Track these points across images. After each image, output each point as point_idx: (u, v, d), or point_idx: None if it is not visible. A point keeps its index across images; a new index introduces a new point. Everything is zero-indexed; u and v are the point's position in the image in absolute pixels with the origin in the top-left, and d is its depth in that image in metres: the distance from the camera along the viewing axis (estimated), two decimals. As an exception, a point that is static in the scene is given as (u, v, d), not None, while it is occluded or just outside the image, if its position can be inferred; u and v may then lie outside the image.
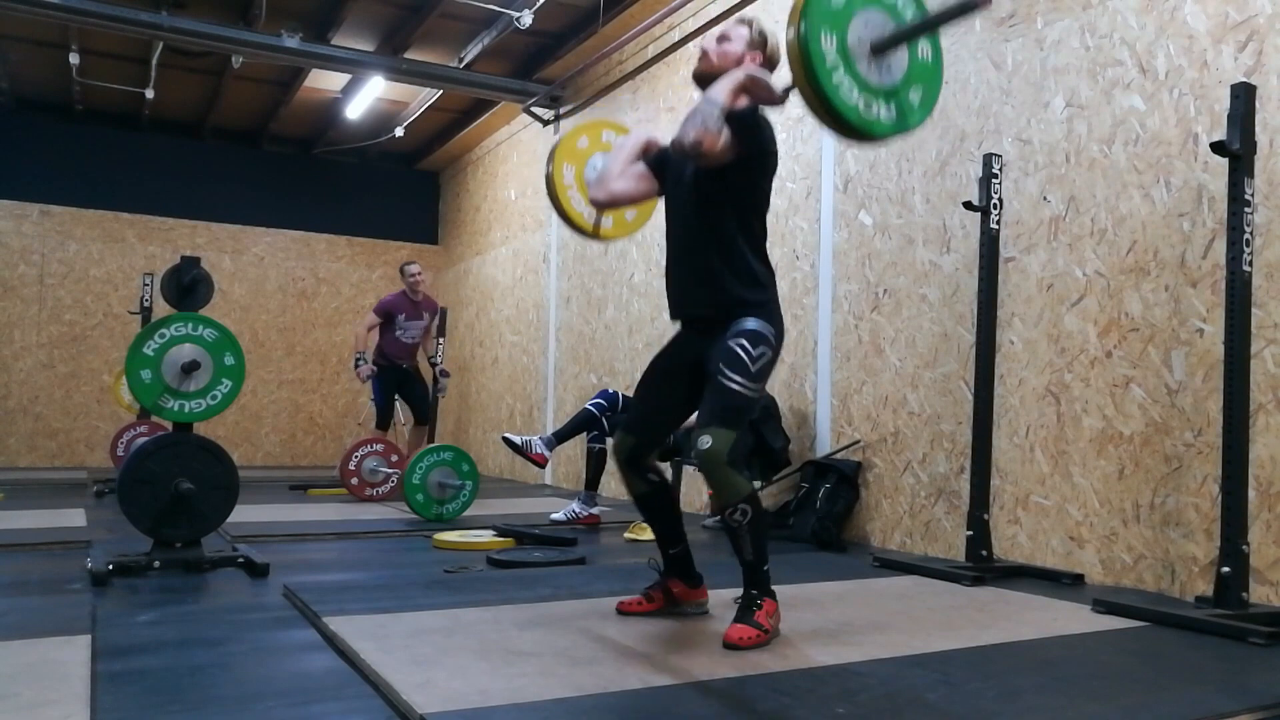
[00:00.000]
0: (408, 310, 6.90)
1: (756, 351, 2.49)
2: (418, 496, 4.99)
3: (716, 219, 2.59)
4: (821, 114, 2.28)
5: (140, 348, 3.40)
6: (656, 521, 2.76)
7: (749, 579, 2.49)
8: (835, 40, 2.25)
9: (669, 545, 2.76)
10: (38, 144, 8.83)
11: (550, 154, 3.10)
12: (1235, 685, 2.12)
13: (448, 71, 7.28)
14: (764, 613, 2.43)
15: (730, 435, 2.40)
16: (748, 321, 2.53)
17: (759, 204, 2.64)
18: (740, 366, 2.46)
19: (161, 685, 2.00)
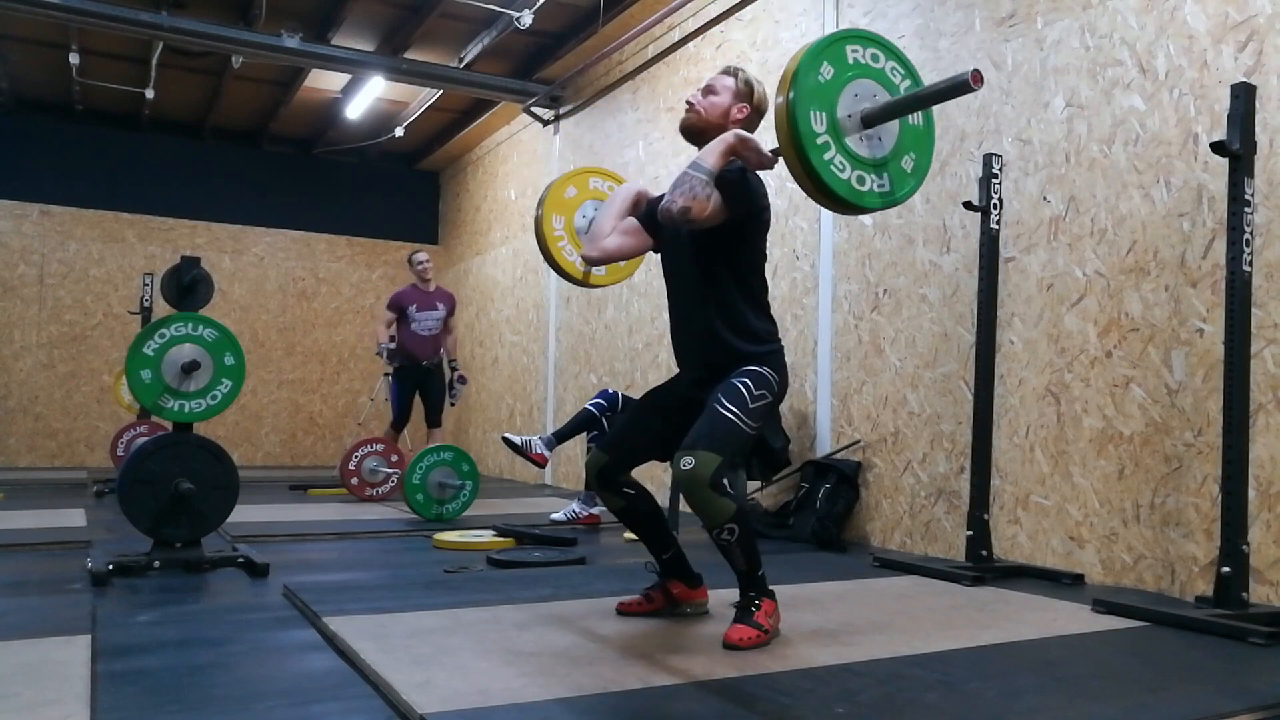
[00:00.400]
0: (418, 300, 6.65)
1: (758, 392, 2.50)
2: (418, 496, 4.99)
3: (714, 278, 2.59)
4: (810, 190, 2.25)
5: (140, 348, 3.40)
6: (641, 531, 2.75)
7: (745, 585, 2.48)
8: (825, 117, 2.22)
9: (660, 551, 2.76)
10: (38, 144, 8.83)
11: (539, 202, 3.09)
12: (1235, 685, 2.12)
13: (448, 71, 7.29)
14: (763, 613, 2.43)
15: (714, 460, 2.35)
16: (752, 366, 2.54)
17: (755, 261, 2.64)
18: (739, 400, 2.47)
19: (161, 685, 2.00)
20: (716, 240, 2.55)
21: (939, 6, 4.21)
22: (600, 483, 2.70)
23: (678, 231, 2.61)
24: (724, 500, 2.37)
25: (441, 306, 6.67)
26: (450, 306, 6.74)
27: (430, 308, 6.64)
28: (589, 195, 3.17)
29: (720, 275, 2.58)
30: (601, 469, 2.69)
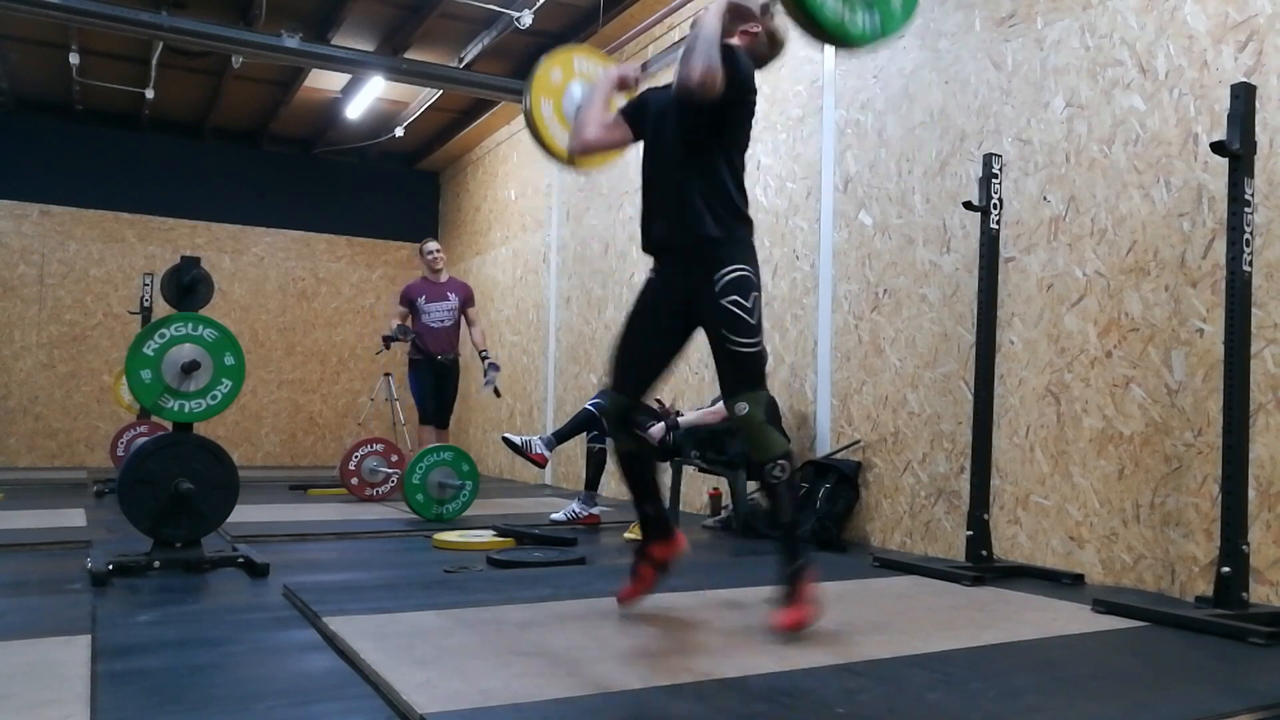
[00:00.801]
0: (427, 291, 6.35)
1: (749, 301, 2.56)
2: (418, 496, 4.99)
3: (703, 158, 2.63)
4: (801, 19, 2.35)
5: (140, 348, 3.40)
6: (639, 477, 2.78)
7: (787, 545, 2.57)
8: None
9: (647, 501, 2.79)
10: (38, 144, 8.83)
11: (526, 88, 3.13)
12: (1235, 685, 2.12)
13: (448, 71, 7.28)
14: (807, 585, 2.54)
15: (761, 395, 2.54)
16: (730, 271, 2.56)
17: (742, 141, 2.69)
18: (742, 326, 2.53)
19: (161, 685, 2.00)
20: (703, 120, 2.59)
21: (939, 6, 4.21)
22: (619, 424, 2.72)
23: (664, 119, 2.68)
24: (779, 436, 2.57)
25: (453, 297, 6.35)
26: (464, 296, 6.41)
27: (440, 298, 6.34)
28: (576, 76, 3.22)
29: (711, 153, 2.62)
30: (623, 409, 2.71)
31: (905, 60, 4.38)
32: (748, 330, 2.54)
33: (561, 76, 3.19)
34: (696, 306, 2.62)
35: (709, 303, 2.57)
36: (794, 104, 5.08)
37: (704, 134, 2.62)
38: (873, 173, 4.52)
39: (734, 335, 2.53)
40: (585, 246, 7.23)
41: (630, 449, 2.76)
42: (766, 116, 5.25)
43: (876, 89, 4.54)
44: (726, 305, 2.54)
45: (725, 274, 2.56)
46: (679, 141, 2.65)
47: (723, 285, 2.55)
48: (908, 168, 4.33)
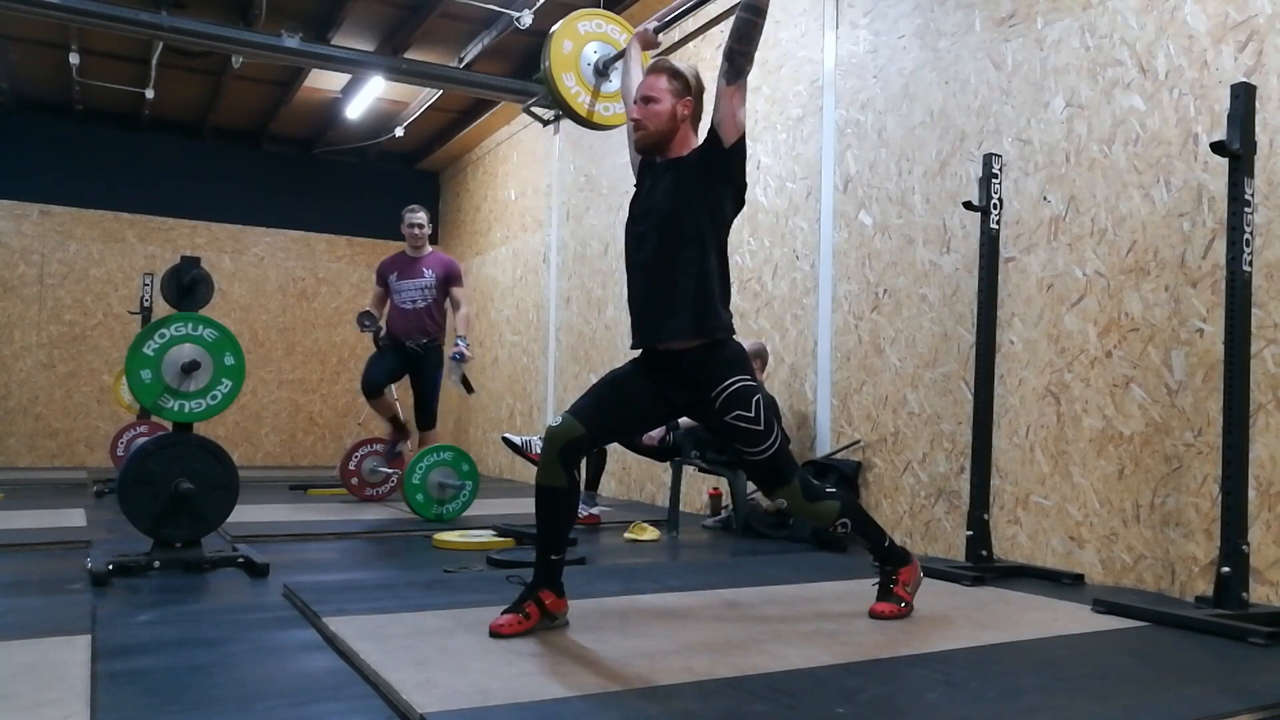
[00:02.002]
0: (401, 268, 5.42)
1: (753, 410, 2.55)
2: (418, 496, 4.99)
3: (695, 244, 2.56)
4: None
5: (140, 348, 3.40)
6: (556, 521, 2.53)
7: (880, 558, 2.78)
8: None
9: (553, 550, 2.52)
10: (38, 144, 8.83)
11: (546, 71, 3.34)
12: (1235, 685, 2.12)
13: (448, 71, 7.27)
14: (900, 585, 2.72)
15: (794, 486, 2.62)
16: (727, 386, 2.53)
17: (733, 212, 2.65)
18: (755, 438, 2.56)
19: (161, 685, 2.00)
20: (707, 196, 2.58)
21: (939, 6, 4.21)
22: (563, 456, 2.46)
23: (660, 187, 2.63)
24: (826, 505, 2.67)
25: (429, 273, 5.47)
26: (445, 273, 5.52)
27: (414, 275, 5.41)
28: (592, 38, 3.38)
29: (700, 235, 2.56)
30: (573, 441, 2.47)
31: (905, 60, 4.38)
32: (759, 439, 2.56)
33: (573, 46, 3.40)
34: (693, 412, 2.63)
35: (711, 416, 2.57)
36: (794, 104, 5.08)
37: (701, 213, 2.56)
38: (873, 173, 4.52)
39: (748, 448, 2.57)
40: (585, 246, 7.23)
41: (563, 485, 2.48)
42: (766, 116, 5.25)
43: (876, 89, 4.54)
44: (732, 422, 2.53)
45: (724, 390, 2.53)
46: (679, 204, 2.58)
47: (723, 402, 2.53)
48: (908, 168, 4.33)
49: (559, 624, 2.53)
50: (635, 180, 2.77)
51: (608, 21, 3.52)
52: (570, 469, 2.48)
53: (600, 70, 3.47)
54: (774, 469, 2.61)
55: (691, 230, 2.57)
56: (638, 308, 2.65)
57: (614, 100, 3.51)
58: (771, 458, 2.58)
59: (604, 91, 3.45)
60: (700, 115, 2.70)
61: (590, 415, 2.51)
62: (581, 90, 3.34)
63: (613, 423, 2.58)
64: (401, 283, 5.47)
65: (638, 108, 2.67)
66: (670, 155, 2.66)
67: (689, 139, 2.67)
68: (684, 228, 2.57)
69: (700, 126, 2.70)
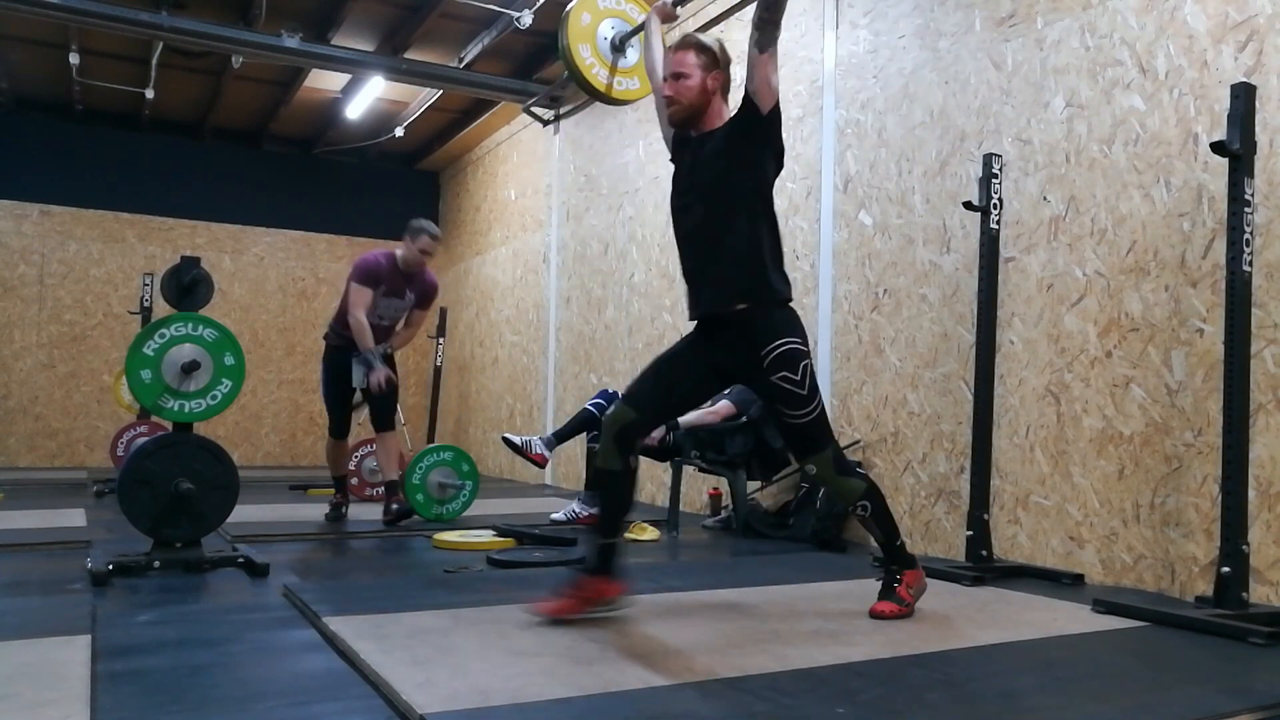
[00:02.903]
0: (388, 283, 4.83)
1: (799, 374, 2.59)
2: (418, 496, 4.99)
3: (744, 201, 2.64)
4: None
5: (140, 348, 3.40)
6: (614, 504, 2.65)
7: (886, 556, 2.78)
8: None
9: (609, 534, 2.64)
10: (38, 144, 8.83)
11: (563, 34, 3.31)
12: (1235, 685, 2.12)
13: (448, 71, 7.28)
14: (904, 585, 2.72)
15: (827, 454, 2.65)
16: (777, 346, 2.58)
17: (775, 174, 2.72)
18: (798, 401, 2.59)
19: (161, 685, 2.00)
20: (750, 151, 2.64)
21: (939, 6, 4.22)
22: (618, 439, 2.60)
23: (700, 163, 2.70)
24: (854, 481, 2.69)
25: (410, 296, 4.95)
26: (424, 297, 5.02)
27: (398, 294, 4.89)
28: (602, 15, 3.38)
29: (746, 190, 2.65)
30: (628, 425, 2.62)
31: (905, 60, 4.38)
32: (802, 402, 2.60)
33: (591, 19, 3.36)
34: (743, 374, 2.67)
35: (759, 376, 2.61)
36: (794, 104, 5.08)
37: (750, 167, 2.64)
38: (873, 173, 4.52)
39: (790, 410, 2.60)
40: (585, 246, 7.23)
41: (618, 469, 2.61)
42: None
43: (876, 89, 4.54)
44: (777, 382, 2.57)
45: (773, 350, 2.58)
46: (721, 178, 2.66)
47: (771, 361, 2.57)
48: (908, 168, 4.33)
49: (614, 609, 2.65)
50: (671, 157, 2.85)
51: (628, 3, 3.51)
52: (626, 453, 2.63)
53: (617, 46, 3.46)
54: (812, 435, 2.64)
55: (736, 197, 2.65)
56: (691, 279, 2.75)
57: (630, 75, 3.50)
58: (811, 423, 2.63)
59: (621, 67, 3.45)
60: (729, 87, 2.77)
61: (642, 399, 2.67)
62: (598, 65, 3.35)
63: (664, 403, 2.72)
64: (384, 300, 4.88)
65: (669, 84, 2.73)
66: (705, 128, 2.74)
67: (721, 111, 2.75)
68: (728, 195, 2.65)
69: (731, 98, 2.77)
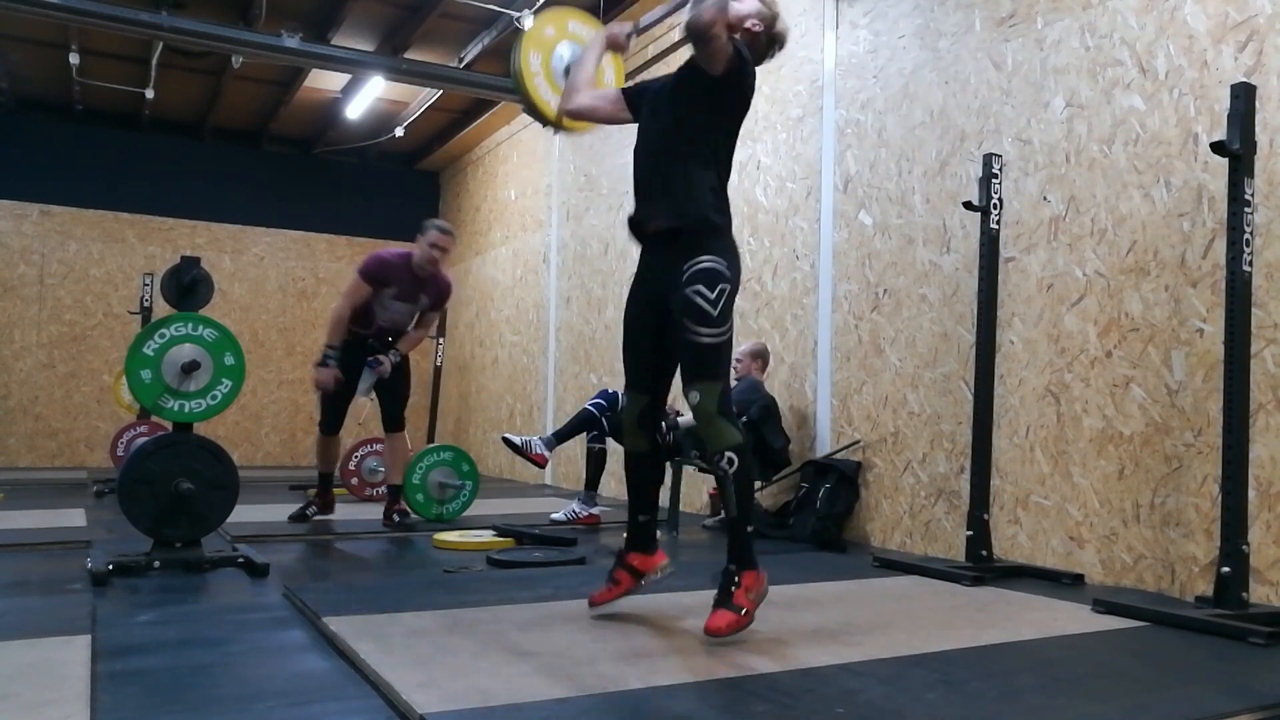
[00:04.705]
0: (400, 285, 4.68)
1: (714, 293, 2.51)
2: (418, 496, 4.99)
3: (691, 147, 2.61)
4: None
5: (140, 348, 3.40)
6: (644, 482, 2.76)
7: (731, 543, 2.52)
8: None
9: (643, 510, 2.75)
10: (38, 144, 8.83)
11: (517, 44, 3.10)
12: (1235, 685, 2.12)
13: (448, 71, 7.27)
14: (742, 590, 2.45)
15: (715, 386, 2.48)
16: (699, 261, 2.53)
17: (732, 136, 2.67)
18: (703, 317, 2.49)
19: (161, 685, 2.00)
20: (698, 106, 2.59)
21: (939, 6, 4.21)
22: (639, 423, 2.70)
23: (659, 104, 2.68)
24: (731, 429, 2.50)
25: (424, 299, 4.80)
26: (437, 299, 4.86)
27: (409, 299, 4.73)
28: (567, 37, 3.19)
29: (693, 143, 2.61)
30: (644, 408, 2.70)
31: (905, 60, 4.38)
32: (707, 320, 2.49)
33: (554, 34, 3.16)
34: (666, 297, 2.60)
35: (676, 291, 2.55)
36: (794, 104, 5.08)
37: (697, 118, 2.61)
38: (873, 173, 4.52)
39: (693, 324, 2.49)
40: (585, 246, 7.23)
41: (645, 449, 2.73)
42: (766, 116, 5.25)
43: (876, 89, 4.54)
44: (689, 294, 2.51)
45: (695, 263, 2.53)
46: (671, 125, 2.65)
47: (690, 275, 2.53)
48: (908, 168, 4.33)
49: (660, 576, 2.74)
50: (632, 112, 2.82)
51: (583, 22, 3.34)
52: (650, 433, 2.71)
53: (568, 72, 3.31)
54: (709, 360, 2.50)
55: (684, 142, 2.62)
56: (636, 195, 2.74)
57: None
58: (712, 347, 2.49)
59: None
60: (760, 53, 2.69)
61: (639, 381, 2.71)
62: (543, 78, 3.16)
63: (654, 373, 2.72)
64: (395, 303, 4.75)
65: None
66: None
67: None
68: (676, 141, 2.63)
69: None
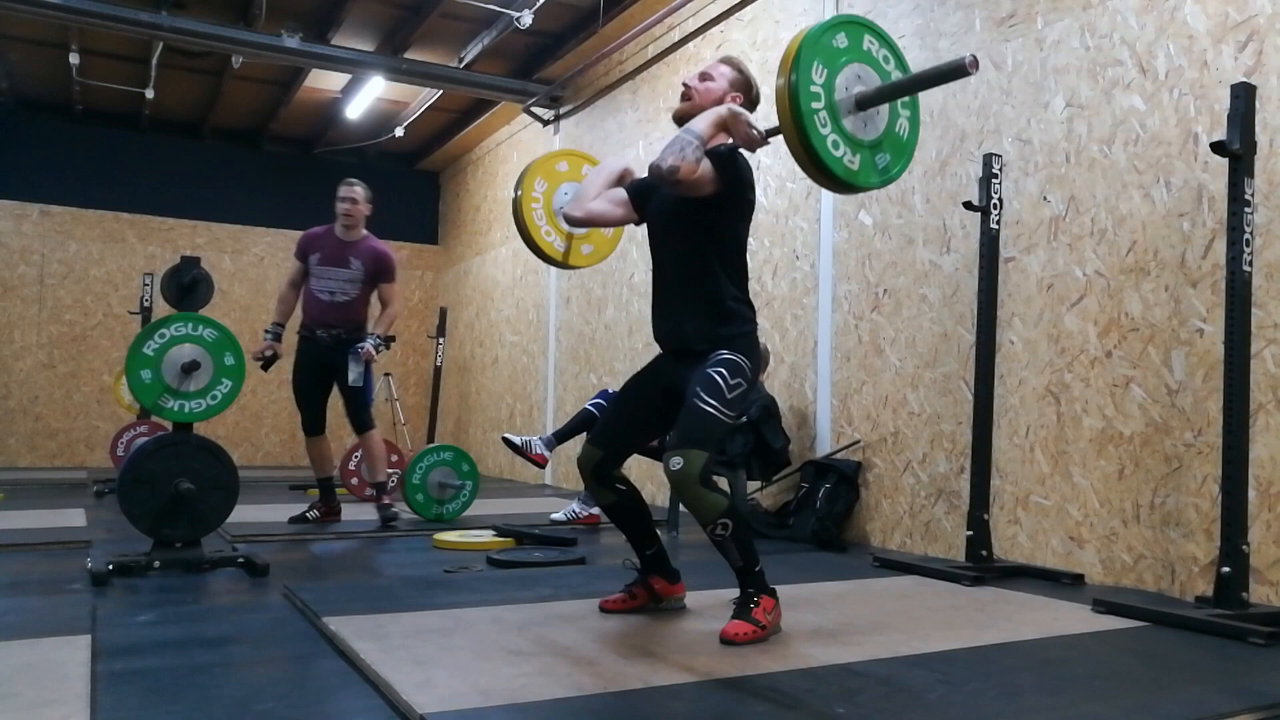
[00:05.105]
0: (323, 250, 4.54)
1: (733, 381, 2.52)
2: (418, 496, 4.99)
3: (698, 256, 2.61)
4: (809, 167, 2.33)
5: (140, 348, 3.40)
6: (628, 527, 2.79)
7: (743, 581, 2.51)
8: (823, 97, 2.31)
9: (644, 547, 2.80)
10: (38, 144, 8.83)
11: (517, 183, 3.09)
12: (1235, 685, 2.12)
13: (448, 71, 7.29)
14: (761, 609, 2.46)
15: (702, 456, 2.40)
16: (725, 354, 2.55)
17: (736, 242, 2.67)
18: (716, 392, 2.49)
19: (161, 685, 2.00)
20: (700, 217, 2.59)
21: (939, 6, 4.21)
22: (595, 477, 2.72)
23: (664, 208, 2.68)
24: (715, 496, 2.42)
25: (357, 265, 4.59)
26: (377, 268, 4.66)
27: (338, 263, 4.55)
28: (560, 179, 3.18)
29: (704, 252, 2.61)
30: (596, 464, 2.72)
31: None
32: (719, 396, 2.47)
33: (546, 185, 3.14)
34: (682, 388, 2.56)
35: (694, 374, 2.53)
36: (794, 104, 5.07)
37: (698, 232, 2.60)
38: (873, 173, 4.51)
39: (704, 393, 2.46)
40: (585, 246, 7.22)
41: (611, 500, 2.74)
42: (767, 117, 5.24)
43: (876, 89, 4.53)
44: (709, 373, 2.50)
45: (719, 354, 2.55)
46: (677, 238, 2.65)
47: (713, 361, 2.53)
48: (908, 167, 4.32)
49: (672, 607, 2.80)
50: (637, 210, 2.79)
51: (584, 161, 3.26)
52: (609, 484, 2.73)
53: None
54: (705, 428, 2.44)
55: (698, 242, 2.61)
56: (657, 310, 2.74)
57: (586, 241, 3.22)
58: (712, 419, 2.44)
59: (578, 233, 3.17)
60: None
61: (606, 438, 2.75)
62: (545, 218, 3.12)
63: (626, 440, 2.77)
64: (323, 269, 4.59)
65: (693, 79, 2.71)
66: None
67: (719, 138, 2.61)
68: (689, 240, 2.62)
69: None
